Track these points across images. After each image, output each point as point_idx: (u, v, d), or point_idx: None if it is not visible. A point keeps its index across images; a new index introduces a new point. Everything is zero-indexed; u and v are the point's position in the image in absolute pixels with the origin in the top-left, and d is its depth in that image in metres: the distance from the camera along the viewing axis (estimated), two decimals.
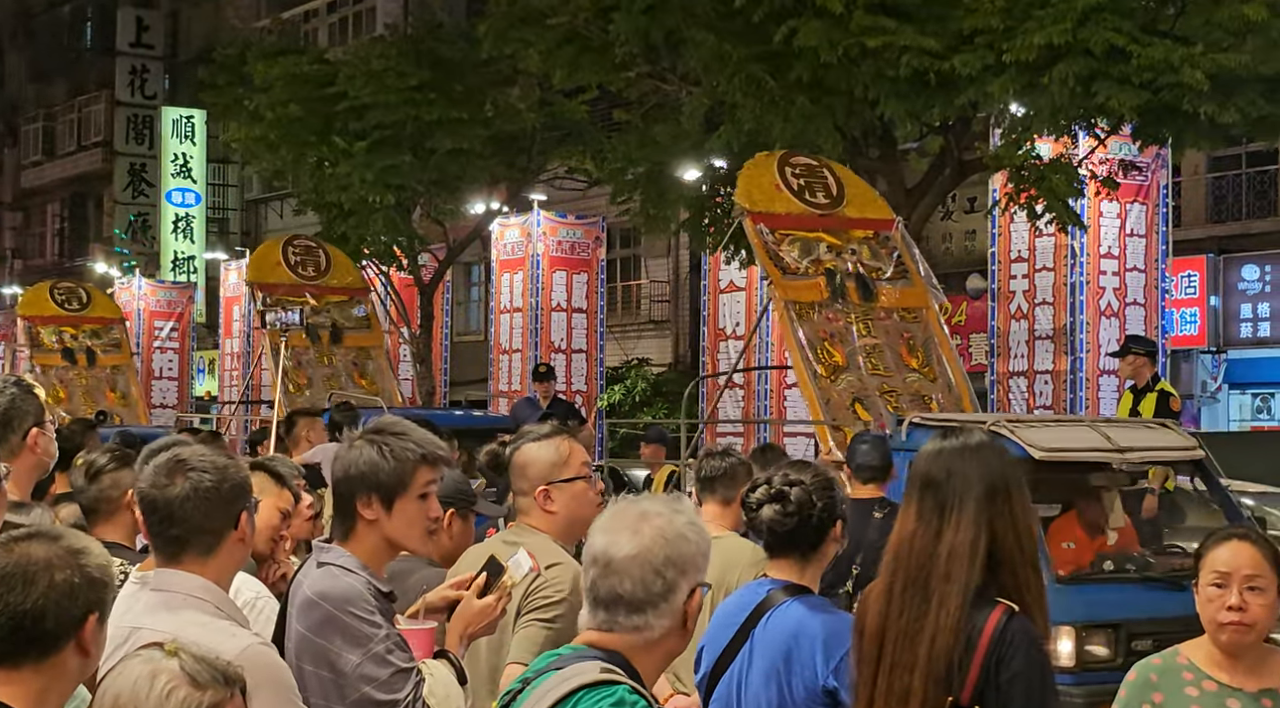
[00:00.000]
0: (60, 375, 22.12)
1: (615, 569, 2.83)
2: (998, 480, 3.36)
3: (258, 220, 41.67)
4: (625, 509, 2.90)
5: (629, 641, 2.84)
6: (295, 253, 18.75)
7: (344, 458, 3.79)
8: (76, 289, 24.13)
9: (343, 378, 17.51)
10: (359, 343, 18.24)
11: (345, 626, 3.61)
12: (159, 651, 2.42)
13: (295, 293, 18.12)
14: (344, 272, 19.09)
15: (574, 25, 15.95)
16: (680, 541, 2.85)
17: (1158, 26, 13.25)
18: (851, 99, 14.16)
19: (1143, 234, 18.53)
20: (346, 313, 18.49)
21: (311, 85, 21.51)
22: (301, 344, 17.55)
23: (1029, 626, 3.24)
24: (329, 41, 33.94)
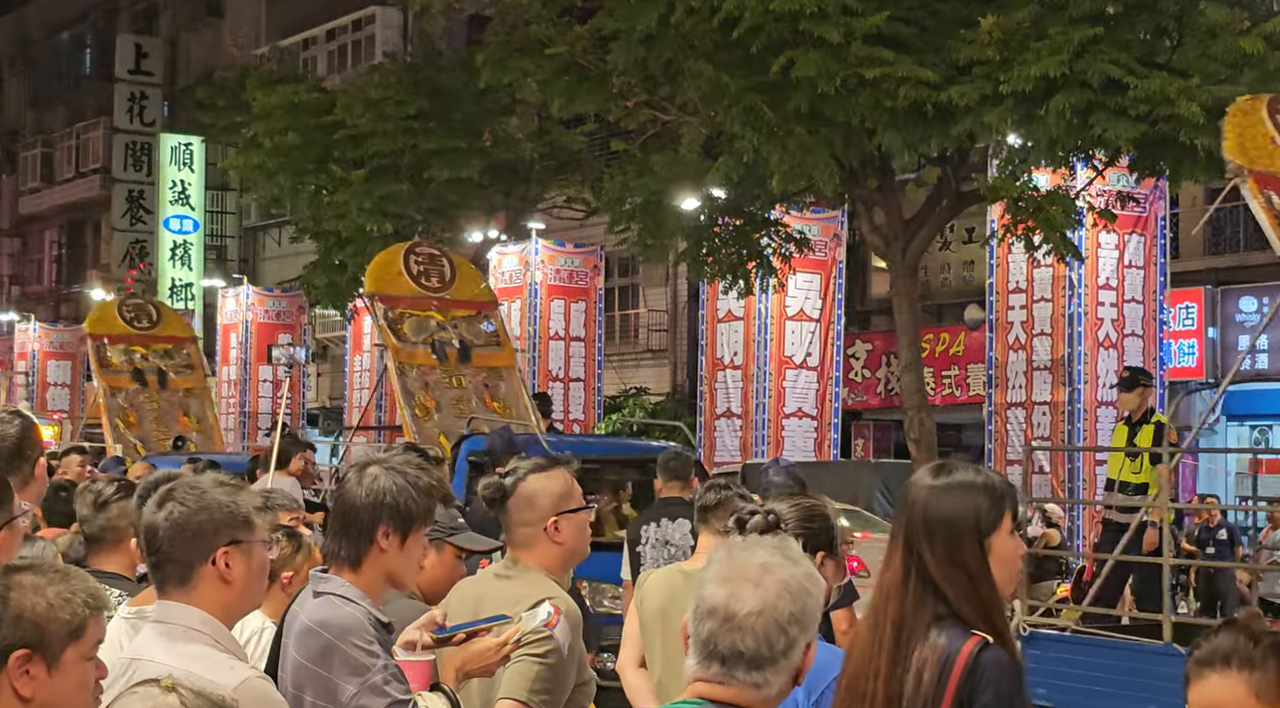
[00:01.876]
0: (130, 398, 20.84)
1: (738, 625, 2.71)
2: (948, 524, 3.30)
3: (255, 248, 41.69)
4: (743, 558, 2.78)
5: (749, 697, 2.74)
6: (418, 262, 16.73)
7: (370, 484, 3.77)
8: (146, 305, 22.80)
9: (473, 401, 15.74)
10: (489, 362, 16.41)
11: (344, 655, 3.59)
12: (156, 687, 2.40)
13: (419, 305, 16.25)
14: (470, 283, 17.22)
15: (572, 55, 15.99)
16: (804, 595, 2.76)
17: (1155, 59, 13.28)
18: (849, 129, 14.18)
19: (1141, 265, 18.57)
20: (475, 329, 16.65)
21: (310, 113, 21.54)
22: (428, 363, 15.85)
23: (1002, 657, 3.20)
24: (327, 69, 34.01)
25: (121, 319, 21.59)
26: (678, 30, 14.77)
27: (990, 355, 19.42)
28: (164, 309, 23.12)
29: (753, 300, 20.20)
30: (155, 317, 22.09)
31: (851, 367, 25.73)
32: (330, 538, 3.85)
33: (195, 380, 21.75)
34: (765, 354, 21.11)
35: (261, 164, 22.09)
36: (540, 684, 4.09)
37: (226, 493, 3.38)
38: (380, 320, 16.03)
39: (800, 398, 21.30)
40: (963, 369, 24.28)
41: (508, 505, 4.40)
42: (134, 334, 21.50)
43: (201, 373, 22.22)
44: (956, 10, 13.85)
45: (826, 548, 4.07)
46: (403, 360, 15.45)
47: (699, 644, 2.75)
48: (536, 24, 16.78)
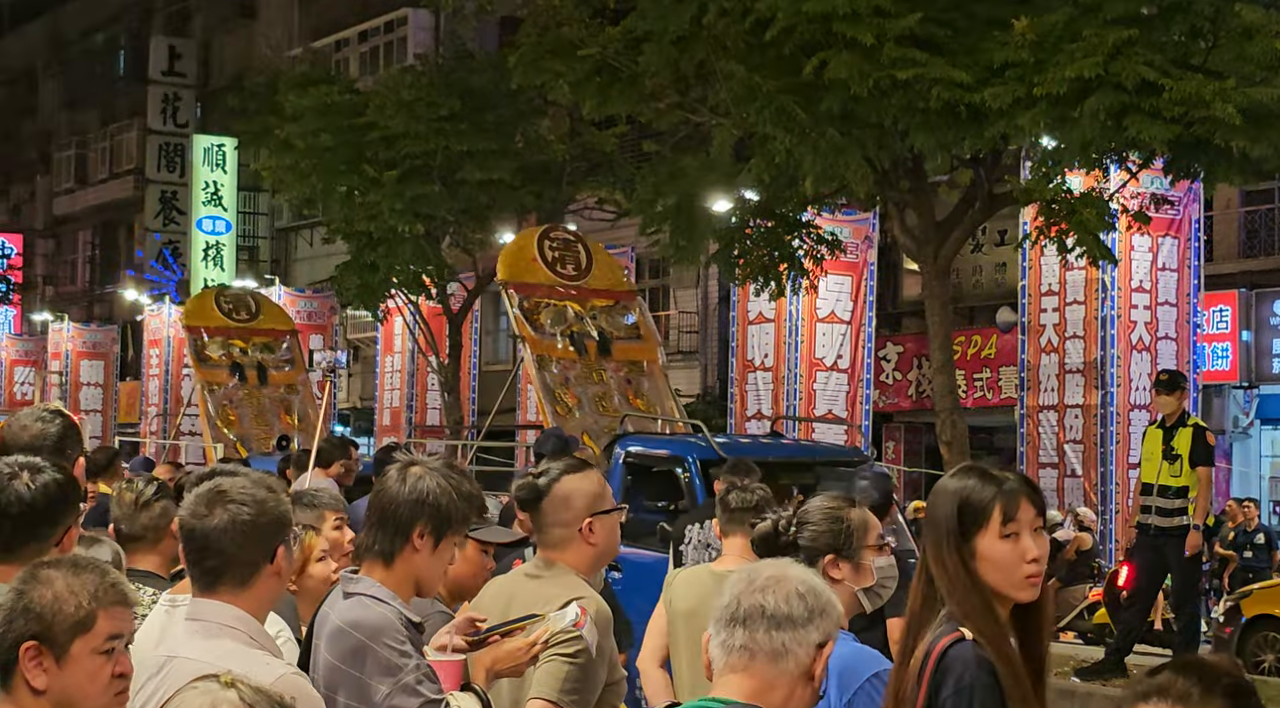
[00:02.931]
0: (229, 395, 19.79)
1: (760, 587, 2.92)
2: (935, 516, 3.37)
3: (287, 249, 41.85)
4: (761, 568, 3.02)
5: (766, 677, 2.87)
6: (553, 247, 15.73)
7: (414, 483, 3.80)
8: (244, 297, 21.83)
9: (616, 398, 14.67)
10: (630, 356, 15.20)
11: (377, 655, 3.60)
12: (216, 682, 2.41)
13: (556, 294, 15.19)
14: (607, 270, 16.11)
15: (604, 56, 15.98)
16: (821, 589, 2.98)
17: (1189, 60, 13.20)
18: (882, 131, 14.14)
19: (1174, 268, 18.48)
20: (615, 320, 15.46)
21: (342, 115, 21.60)
22: (567, 357, 14.84)
23: (968, 651, 3.21)
24: (360, 71, 34.10)
25: (219, 310, 20.62)
26: (710, 32, 14.75)
27: (1022, 358, 19.35)
28: (263, 300, 22.06)
29: (784, 302, 20.17)
30: (254, 308, 21.09)
31: (883, 369, 25.68)
32: (366, 532, 3.86)
33: (294, 376, 20.64)
34: (796, 356, 21.08)
35: (294, 165, 22.16)
36: (571, 684, 4.10)
37: (271, 493, 3.44)
38: (515, 310, 14.95)
39: (831, 400, 21.26)
40: (995, 372, 24.20)
41: (542, 506, 4.41)
42: (232, 327, 20.49)
43: (303, 367, 21.06)
44: (990, 12, 13.79)
45: (836, 550, 4.07)
46: (542, 353, 14.54)
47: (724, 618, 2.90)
48: (568, 25, 16.78)
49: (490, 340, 32.47)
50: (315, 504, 5.16)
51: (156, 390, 31.59)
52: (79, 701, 2.79)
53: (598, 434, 13.47)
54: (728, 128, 15.59)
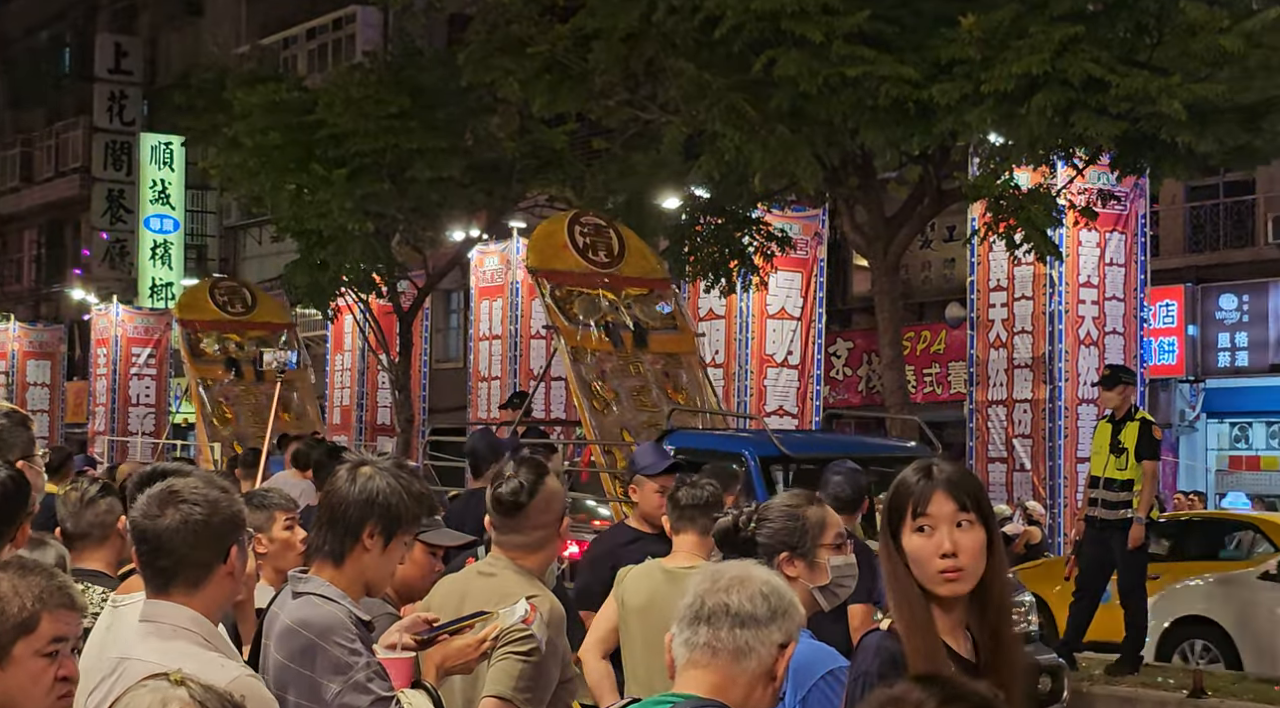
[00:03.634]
0: (225, 391, 18.92)
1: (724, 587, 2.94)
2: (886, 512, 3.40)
3: (236, 247, 41.61)
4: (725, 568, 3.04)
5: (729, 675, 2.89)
6: (584, 233, 14.86)
7: (364, 483, 3.79)
8: (240, 289, 21.01)
9: (654, 391, 13.85)
10: (667, 347, 14.39)
11: (327, 654, 3.60)
12: (166, 681, 2.40)
13: (589, 283, 14.35)
14: (641, 257, 15.20)
15: (553, 54, 15.97)
16: (784, 590, 3.01)
17: (1135, 57, 13.32)
18: (831, 128, 14.20)
19: (1121, 263, 18.60)
20: (650, 309, 14.57)
21: (291, 113, 21.48)
22: (603, 348, 13.93)
23: (874, 640, 3.26)
24: (308, 68, 33.93)
25: (213, 304, 19.86)
26: (659, 29, 14.78)
27: (971, 353, 19.44)
28: (258, 293, 21.29)
29: (734, 299, 20.21)
30: (250, 301, 20.29)
31: (833, 365, 25.77)
32: (315, 531, 3.86)
33: (293, 372, 19.69)
34: (747, 352, 21.11)
35: (242, 163, 22.02)
36: (524, 682, 4.11)
37: (223, 492, 3.42)
38: (548, 299, 14.03)
39: (781, 396, 21.31)
40: (944, 367, 24.34)
41: (529, 508, 4.44)
42: (227, 320, 19.71)
43: (302, 363, 20.28)
44: (937, 9, 13.88)
45: (791, 549, 4.08)
46: (577, 345, 13.71)
47: (687, 616, 2.92)
48: (518, 23, 16.76)
49: (441, 338, 32.41)
50: (265, 505, 5.14)
51: (104, 390, 31.36)
52: (21, 703, 2.77)
53: (637, 430, 12.93)
54: (677, 125, 15.61)
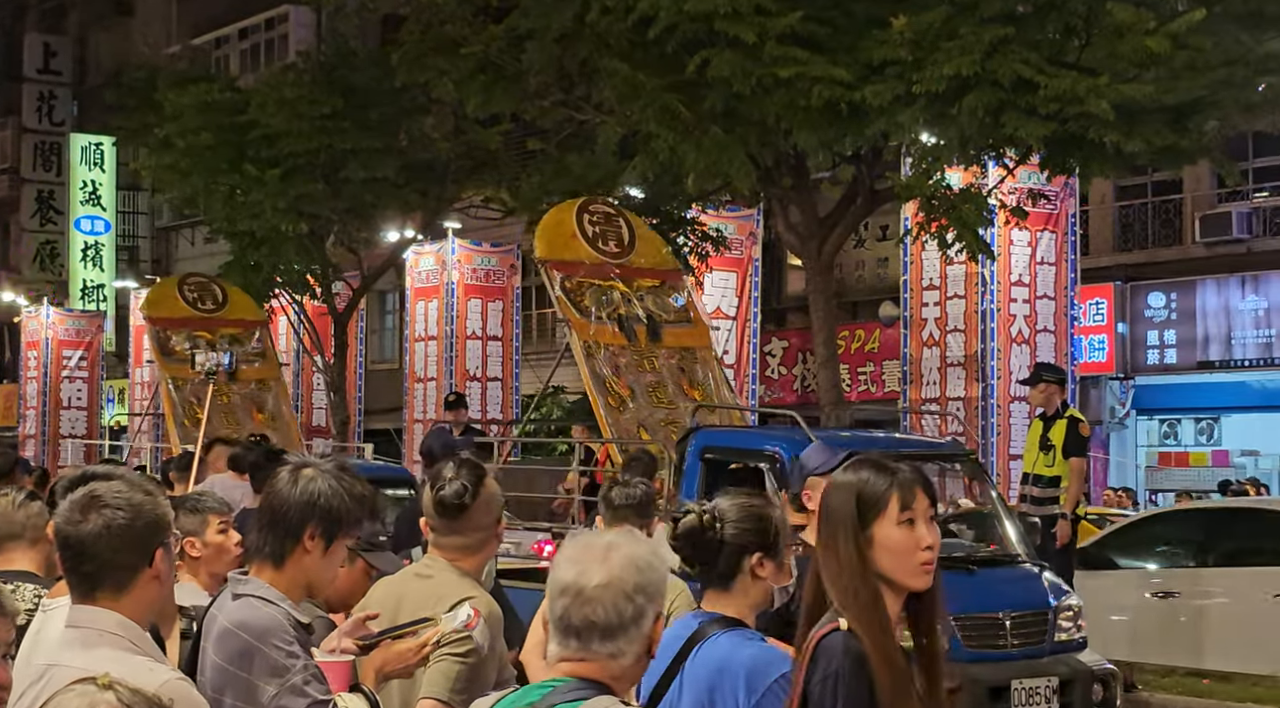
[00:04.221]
0: (196, 391, 17.69)
1: (588, 598, 2.88)
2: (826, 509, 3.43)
3: (168, 248, 41.28)
4: (591, 541, 2.98)
5: (606, 668, 2.89)
6: (593, 222, 14.13)
7: (305, 485, 3.78)
8: (210, 285, 19.98)
9: (670, 387, 13.20)
10: (681, 341, 13.68)
11: (264, 656, 3.59)
12: (93, 684, 2.40)
13: (600, 274, 13.59)
14: (651, 247, 14.41)
15: (487, 54, 15.96)
16: (648, 569, 2.94)
17: (1064, 58, 13.46)
18: (764, 129, 14.27)
19: (1052, 262, 18.78)
20: (662, 302, 13.84)
21: (223, 113, 21.36)
22: (616, 342, 13.22)
23: (838, 640, 3.27)
24: (240, 69, 33.72)
25: (183, 300, 18.99)
26: (593, 29, 14.80)
27: (905, 352, 19.56)
28: (230, 289, 20.25)
29: None
30: (221, 298, 19.37)
31: (768, 364, 25.87)
32: (256, 533, 3.85)
33: (268, 370, 18.96)
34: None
35: (174, 164, 21.88)
36: (460, 684, 4.12)
37: (147, 494, 3.40)
38: (557, 291, 13.34)
39: None
40: (878, 366, 24.49)
41: (472, 510, 4.43)
42: (197, 317, 18.84)
43: (275, 362, 19.42)
44: (869, 10, 13.96)
45: (763, 549, 4.09)
46: (589, 339, 13.05)
47: (556, 623, 2.92)
48: (451, 23, 16.74)
49: (376, 339, 32.29)
50: (199, 508, 5.12)
51: (35, 393, 31.05)
52: None
53: (654, 428, 12.41)
54: (612, 125, 15.64)
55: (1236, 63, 13.38)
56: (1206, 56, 13.05)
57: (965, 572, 9.91)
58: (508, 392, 23.90)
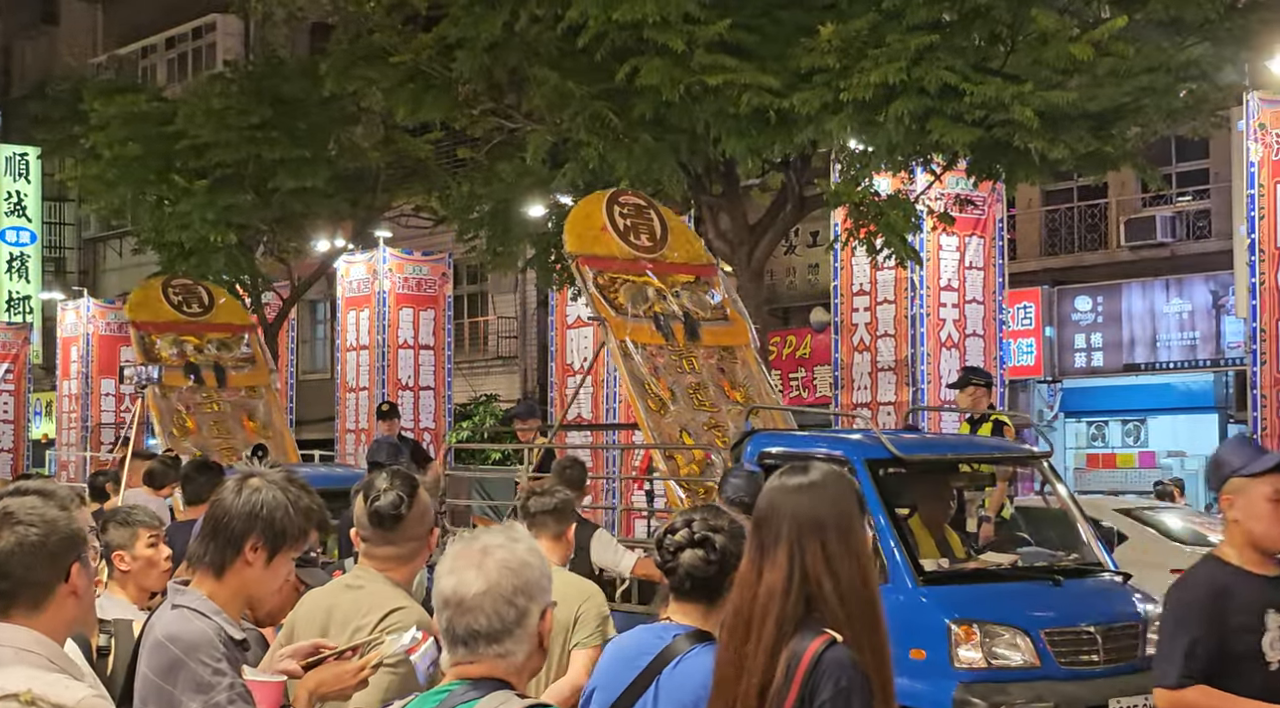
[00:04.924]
0: (185, 399, 16.98)
1: (469, 607, 2.92)
2: (817, 518, 3.41)
3: (95, 259, 40.88)
4: (466, 547, 2.99)
5: (499, 667, 2.93)
6: (624, 214, 13.28)
7: (249, 495, 3.75)
8: (195, 287, 18.74)
9: (711, 389, 12.39)
10: (720, 340, 12.85)
11: (191, 671, 3.56)
12: (15, 702, 2.39)
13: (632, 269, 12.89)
14: (684, 241, 13.65)
15: (416, 63, 15.93)
16: (524, 568, 2.96)
17: (989, 65, 13.59)
18: (694, 136, 14.32)
19: (980, 267, 18.94)
20: (699, 298, 13.03)
21: (150, 123, 21.22)
22: (654, 341, 12.47)
23: (844, 655, 3.29)
24: (168, 78, 33.48)
25: (168, 303, 17.90)
26: (522, 38, 14.81)
27: (836, 357, 19.66)
28: (217, 291, 19.16)
29: None
30: (207, 300, 18.28)
31: None
32: (198, 542, 3.81)
33: (258, 377, 17.89)
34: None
35: (101, 175, 21.72)
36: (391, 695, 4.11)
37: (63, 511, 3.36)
38: (590, 288, 12.46)
39: None
40: (809, 371, 24.61)
41: (408, 520, 4.43)
42: (183, 321, 17.79)
43: (265, 368, 18.27)
44: (797, 19, 14.05)
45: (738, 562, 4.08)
46: (626, 337, 12.16)
47: (443, 633, 2.96)
48: (380, 32, 16.71)
49: (307, 349, 32.12)
50: (129, 522, 5.09)
51: None
52: None
53: (699, 433, 11.63)
54: (542, 133, 15.65)
55: (1158, 69, 13.54)
56: (1129, 63, 13.20)
57: (1050, 583, 9.38)
58: (440, 401, 23.82)
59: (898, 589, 8.87)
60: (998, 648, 8.77)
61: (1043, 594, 9.26)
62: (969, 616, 8.85)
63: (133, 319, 18.04)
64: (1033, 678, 8.73)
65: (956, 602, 8.97)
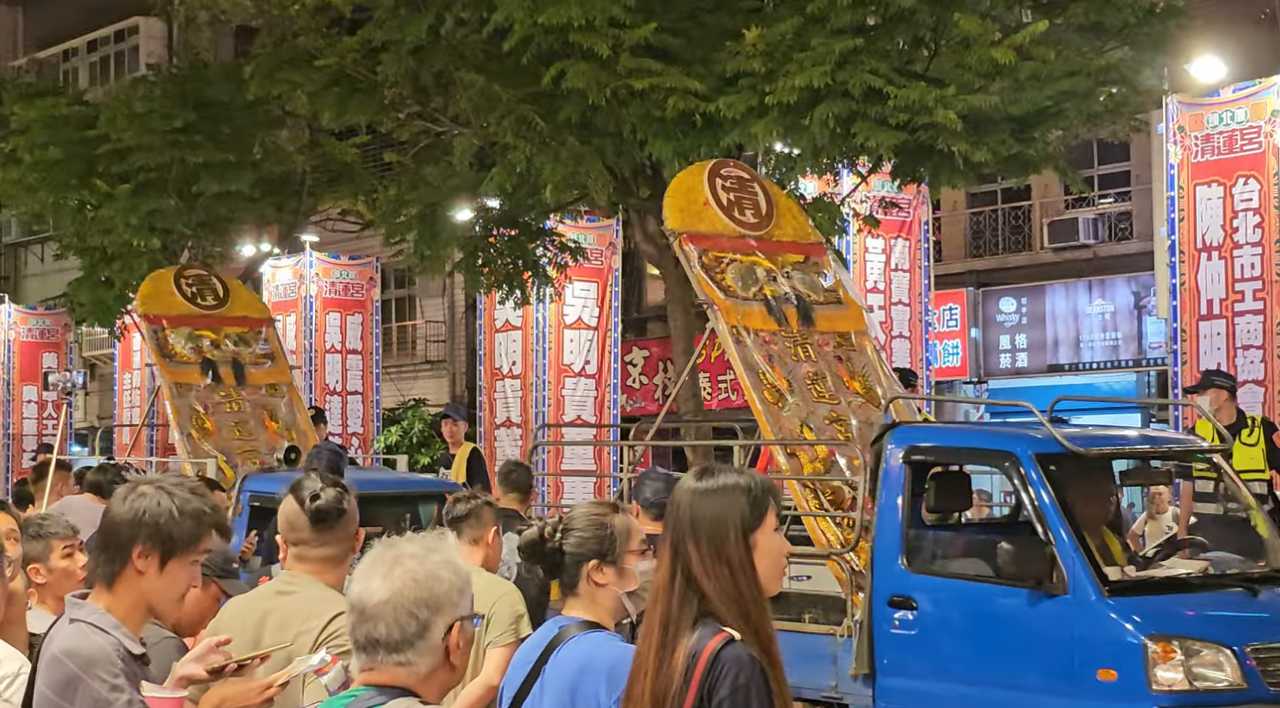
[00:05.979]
0: (203, 398, 15.86)
1: (370, 615, 2.93)
2: (695, 523, 3.43)
3: (17, 265, 40.39)
4: (381, 554, 2.99)
5: (401, 676, 2.93)
6: (726, 187, 12.18)
7: (134, 502, 3.64)
8: (209, 278, 17.57)
9: (829, 379, 11.20)
10: (835, 325, 11.61)
11: (87, 688, 3.48)
12: None
13: (740, 247, 11.70)
14: (791, 218, 12.38)
15: (342, 66, 15.86)
16: (432, 580, 2.95)
17: (913, 68, 13.70)
18: (621, 139, 14.34)
19: (906, 269, 19.12)
20: (810, 280, 11.78)
21: (71, 127, 20.98)
22: (765, 327, 11.26)
23: (742, 652, 3.31)
24: (90, 82, 33.14)
25: (180, 295, 16.78)
26: (448, 41, 14.78)
27: None
28: (231, 282, 18.03)
29: (530, 310, 20.27)
30: (222, 292, 17.13)
31: (629, 374, 25.98)
32: (91, 555, 3.75)
33: (278, 374, 16.69)
34: (544, 363, 21.20)
35: (21, 179, 21.43)
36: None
37: None
38: (695, 269, 11.29)
39: (579, 406, 21.43)
40: None
41: (342, 521, 4.43)
42: (198, 314, 16.66)
43: (285, 364, 17.12)
44: (722, 23, 14.10)
45: (599, 556, 4.14)
46: (736, 323, 11.07)
47: (350, 637, 2.98)
48: (305, 35, 16.61)
49: None
50: (42, 534, 5.01)
51: None
52: None
53: (820, 428, 10.58)
54: (469, 137, 15.62)
55: (1079, 73, 13.69)
56: (1050, 67, 13.34)
57: (1248, 593, 8.42)
58: (368, 405, 23.74)
59: (1079, 602, 8.15)
60: (1200, 668, 7.87)
61: (1242, 606, 8.37)
62: (1167, 631, 7.95)
63: (144, 313, 16.87)
64: (1239, 702, 7.88)
65: (1151, 616, 8.06)
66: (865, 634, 9.01)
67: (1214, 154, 15.16)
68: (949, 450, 9.61)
